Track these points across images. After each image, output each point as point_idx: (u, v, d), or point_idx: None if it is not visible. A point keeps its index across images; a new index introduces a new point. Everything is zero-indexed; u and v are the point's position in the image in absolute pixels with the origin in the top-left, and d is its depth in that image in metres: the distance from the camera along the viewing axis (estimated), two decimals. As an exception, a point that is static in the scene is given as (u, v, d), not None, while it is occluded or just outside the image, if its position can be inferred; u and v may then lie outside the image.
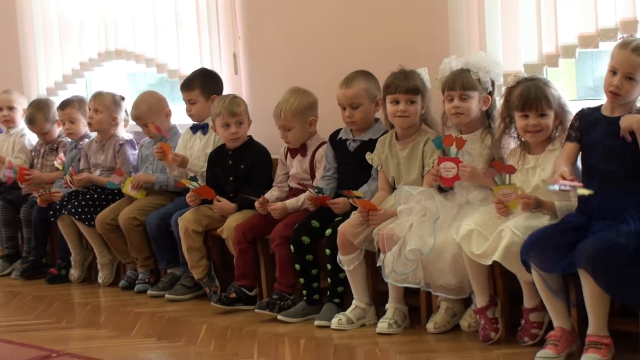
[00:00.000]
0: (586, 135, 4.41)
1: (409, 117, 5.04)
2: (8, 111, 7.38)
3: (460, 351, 4.55)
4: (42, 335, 5.27)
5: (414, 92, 5.01)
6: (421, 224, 4.73)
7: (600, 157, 4.36)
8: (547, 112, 4.50)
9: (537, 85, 4.56)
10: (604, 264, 4.02)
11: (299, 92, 5.61)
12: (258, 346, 4.83)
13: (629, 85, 4.26)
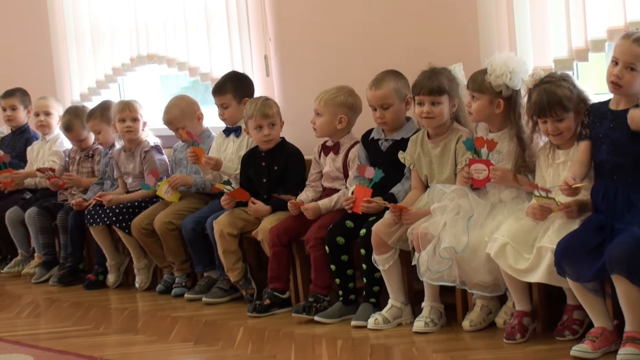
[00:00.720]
0: (594, 130, 4.42)
1: (434, 118, 5.04)
2: (45, 117, 7.42)
3: (497, 348, 4.54)
4: (80, 342, 5.31)
5: (437, 93, 5.00)
6: (455, 222, 4.74)
7: (608, 150, 4.37)
8: (563, 116, 4.50)
9: (550, 90, 4.53)
10: (636, 264, 4.06)
11: (346, 90, 5.63)
12: (295, 348, 4.85)
13: (630, 76, 4.26)
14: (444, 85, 5.01)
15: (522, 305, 4.61)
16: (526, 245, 4.47)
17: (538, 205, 4.47)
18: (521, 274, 4.47)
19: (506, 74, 4.77)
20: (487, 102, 4.85)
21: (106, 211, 6.51)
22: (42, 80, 7.96)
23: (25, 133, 7.72)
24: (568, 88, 4.60)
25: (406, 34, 5.84)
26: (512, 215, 4.67)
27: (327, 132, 5.64)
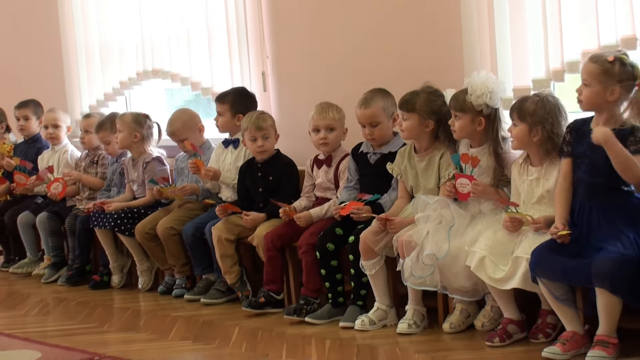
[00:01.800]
0: (575, 148, 4.45)
1: (404, 131, 5.13)
2: (53, 129, 7.42)
3: (476, 349, 4.58)
4: (85, 339, 5.31)
5: (409, 109, 5.08)
6: (437, 231, 4.79)
7: (585, 169, 4.39)
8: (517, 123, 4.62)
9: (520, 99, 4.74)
10: (621, 278, 4.07)
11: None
12: (287, 347, 4.87)
13: (586, 91, 4.33)
14: (415, 104, 5.07)
15: (508, 314, 4.65)
16: (503, 257, 4.52)
17: (509, 218, 4.52)
18: (499, 282, 4.52)
19: (486, 94, 4.80)
20: (469, 121, 4.88)
21: (111, 216, 6.52)
22: (54, 92, 7.96)
23: (37, 142, 7.72)
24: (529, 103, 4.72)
25: (393, 53, 5.85)
26: (491, 226, 4.71)
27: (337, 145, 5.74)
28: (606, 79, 4.29)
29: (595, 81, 4.30)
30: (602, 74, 4.29)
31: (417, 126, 4.99)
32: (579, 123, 4.51)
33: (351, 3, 6.05)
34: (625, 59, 4.33)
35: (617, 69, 4.28)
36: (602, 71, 4.29)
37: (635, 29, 4.74)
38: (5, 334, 5.54)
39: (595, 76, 4.30)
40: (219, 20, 6.73)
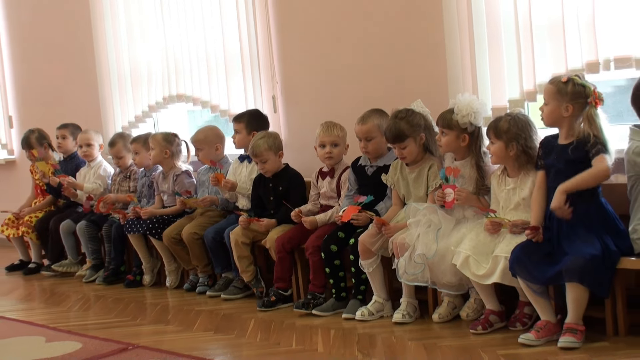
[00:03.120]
0: (546, 160, 4.49)
1: (405, 157, 5.11)
2: (86, 148, 7.46)
3: (461, 337, 4.58)
4: (120, 331, 5.32)
5: (399, 140, 5.05)
6: (426, 234, 4.80)
7: (553, 178, 4.43)
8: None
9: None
10: (589, 273, 4.12)
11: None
12: (296, 336, 4.88)
13: (546, 109, 4.44)
14: (403, 132, 5.03)
15: (490, 305, 4.67)
16: (484, 256, 4.54)
17: (491, 222, 4.55)
18: (481, 278, 4.54)
19: (471, 114, 4.82)
20: (455, 137, 4.90)
21: (144, 222, 6.56)
22: (91, 115, 7.99)
23: (74, 159, 7.74)
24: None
25: (387, 78, 5.87)
26: (473, 229, 4.71)
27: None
28: (561, 97, 4.37)
29: (552, 100, 4.40)
30: (557, 93, 4.38)
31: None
32: (548, 139, 4.56)
33: (349, 37, 6.06)
34: (576, 79, 4.39)
35: (569, 88, 4.36)
36: (557, 91, 4.38)
37: (598, 55, 4.77)
38: (50, 327, 5.55)
39: (552, 95, 4.40)
40: (235, 51, 6.74)
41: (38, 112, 8.72)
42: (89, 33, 7.96)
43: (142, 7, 7.43)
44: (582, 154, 4.31)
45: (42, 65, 8.69)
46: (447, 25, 5.41)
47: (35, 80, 8.82)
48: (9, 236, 7.90)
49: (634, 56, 4.64)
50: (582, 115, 4.37)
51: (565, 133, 4.42)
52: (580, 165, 4.31)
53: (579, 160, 4.32)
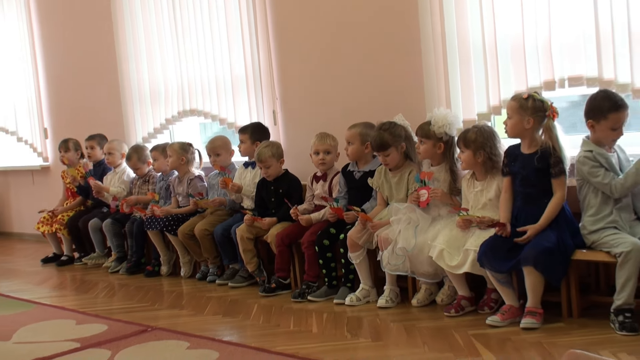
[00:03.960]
0: (511, 167, 4.52)
1: (388, 164, 5.14)
2: (109, 156, 7.50)
3: (437, 319, 4.62)
4: (141, 315, 5.35)
5: (383, 149, 5.08)
6: (406, 230, 4.85)
7: (519, 183, 4.49)
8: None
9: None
10: (544, 262, 4.18)
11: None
12: (294, 319, 4.90)
13: (509, 122, 4.47)
14: (386, 142, 5.06)
15: (462, 291, 4.71)
16: (456, 249, 4.60)
17: (462, 219, 4.58)
18: (454, 268, 4.59)
19: (446, 125, 4.87)
20: (432, 145, 4.95)
21: (161, 220, 6.59)
22: (116, 127, 7.98)
23: (101, 165, 7.74)
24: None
25: (373, 94, 5.88)
26: (447, 226, 4.76)
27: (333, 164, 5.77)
28: (523, 112, 4.40)
29: (515, 114, 4.43)
30: (519, 108, 4.41)
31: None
32: (512, 148, 4.59)
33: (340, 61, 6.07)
34: (536, 95, 4.44)
35: (530, 103, 4.40)
36: (519, 106, 4.41)
37: (554, 74, 4.79)
38: (80, 311, 5.57)
39: (515, 110, 4.42)
40: (240, 72, 6.74)
41: (69, 124, 8.72)
42: (113, 56, 7.96)
43: (160, 34, 7.42)
44: (546, 164, 4.36)
45: (73, 84, 8.70)
46: (424, 49, 5.43)
47: (67, 97, 8.83)
48: (44, 232, 7.92)
49: (585, 75, 4.68)
50: (542, 127, 4.41)
51: (527, 143, 4.46)
52: (544, 173, 4.36)
53: (544, 168, 4.37)
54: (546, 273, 4.23)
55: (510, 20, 4.97)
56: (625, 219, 4.28)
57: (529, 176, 4.43)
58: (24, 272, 7.52)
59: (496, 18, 5.03)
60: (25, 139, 9.45)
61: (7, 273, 7.55)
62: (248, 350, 4.29)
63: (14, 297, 6.28)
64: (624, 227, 4.25)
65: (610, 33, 4.55)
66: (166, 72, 7.47)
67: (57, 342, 4.76)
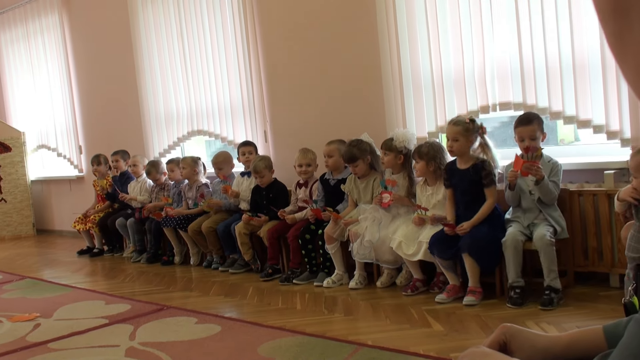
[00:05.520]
0: (451, 180, 4.55)
1: (357, 173, 5.15)
2: (134, 167, 7.46)
3: (396, 297, 4.64)
4: (158, 296, 5.35)
5: (352, 161, 5.10)
6: (372, 226, 4.87)
7: (460, 192, 4.53)
8: (418, 161, 4.74)
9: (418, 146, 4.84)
10: (476, 250, 4.23)
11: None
12: (282, 298, 4.91)
13: (456, 145, 4.44)
14: (355, 155, 5.08)
15: (416, 275, 4.73)
16: (412, 241, 4.62)
17: (417, 217, 4.61)
18: (410, 256, 4.62)
19: (405, 141, 4.90)
20: (394, 157, 4.97)
21: (175, 219, 6.57)
22: (138, 143, 7.97)
23: (125, 175, 7.70)
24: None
25: (343, 116, 5.90)
26: (405, 222, 4.79)
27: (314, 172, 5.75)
28: (467, 134, 4.42)
29: (461, 137, 4.42)
30: (465, 131, 4.42)
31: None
32: (449, 165, 4.62)
33: (319, 90, 6.09)
34: (473, 118, 4.48)
35: (471, 126, 4.40)
36: (464, 130, 4.42)
37: (488, 100, 4.84)
38: (108, 294, 5.57)
39: (460, 133, 4.42)
40: (237, 99, 6.74)
41: (99, 142, 8.69)
42: (135, 87, 7.95)
43: (173, 68, 7.42)
44: (479, 176, 4.39)
45: (102, 109, 8.68)
46: (385, 80, 5.47)
47: (98, 120, 8.80)
48: (79, 230, 7.89)
49: (513, 101, 4.72)
50: (479, 143, 4.44)
51: (465, 160, 4.48)
52: (478, 183, 4.40)
53: (478, 180, 4.40)
54: (479, 260, 4.27)
55: (452, 56, 5.03)
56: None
57: (466, 187, 4.46)
58: (63, 262, 7.49)
59: (442, 55, 5.08)
60: (64, 154, 9.41)
61: (50, 263, 7.52)
62: (245, 324, 4.29)
63: (55, 282, 6.26)
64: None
65: (532, 67, 4.60)
66: (178, 99, 7.46)
67: (89, 319, 4.76)
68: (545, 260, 4.09)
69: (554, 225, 4.21)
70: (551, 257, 4.09)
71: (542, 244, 4.08)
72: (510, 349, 1.38)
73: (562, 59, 4.46)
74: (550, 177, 4.23)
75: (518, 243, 4.17)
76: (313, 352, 3.61)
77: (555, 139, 5.12)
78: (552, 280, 4.09)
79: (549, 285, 4.09)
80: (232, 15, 6.68)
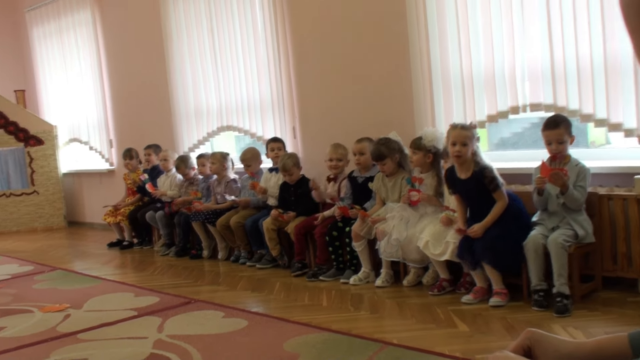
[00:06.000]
0: (455, 188, 4.54)
1: (385, 171, 5.17)
2: (164, 161, 7.52)
3: (423, 297, 4.64)
4: (186, 290, 5.40)
5: (380, 159, 5.11)
6: (399, 224, 4.87)
7: (466, 197, 4.51)
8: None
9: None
10: (492, 257, 4.27)
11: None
12: (308, 295, 4.94)
13: (465, 149, 4.35)
14: (383, 153, 5.09)
15: (443, 275, 4.72)
16: (439, 240, 4.60)
17: (445, 217, 4.60)
18: (437, 256, 4.60)
19: (435, 140, 4.88)
20: (422, 156, 4.95)
21: (203, 214, 6.62)
22: (168, 138, 8.04)
23: (156, 169, 7.78)
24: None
25: (372, 113, 5.90)
26: (432, 222, 4.76)
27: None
28: (472, 139, 4.37)
29: (469, 142, 4.36)
30: (472, 136, 4.37)
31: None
32: (449, 172, 4.58)
33: (348, 87, 6.10)
34: (473, 124, 4.46)
35: (474, 132, 4.40)
36: (472, 135, 4.37)
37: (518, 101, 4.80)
38: (137, 286, 5.64)
39: (469, 138, 4.36)
40: (267, 95, 6.78)
41: (130, 136, 8.79)
42: (166, 82, 8.02)
43: (203, 65, 7.48)
44: (481, 184, 4.36)
45: (133, 104, 8.77)
46: (414, 79, 5.46)
47: (128, 115, 8.90)
48: (109, 222, 7.99)
49: (543, 102, 4.70)
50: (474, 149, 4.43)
51: (465, 168, 4.44)
52: (484, 191, 4.36)
53: (482, 188, 4.36)
54: (497, 266, 4.28)
55: (483, 55, 5.00)
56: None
57: (472, 196, 4.44)
58: (93, 254, 7.59)
59: (472, 53, 5.06)
60: (95, 148, 9.53)
61: (81, 255, 7.63)
62: (271, 319, 4.33)
63: (85, 274, 6.35)
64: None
65: (563, 69, 4.57)
66: (208, 95, 7.51)
67: (118, 311, 4.83)
68: (555, 263, 4.06)
69: (576, 230, 4.18)
70: (562, 261, 4.05)
71: (554, 247, 4.06)
72: (534, 354, 1.39)
73: (594, 61, 4.42)
74: (577, 182, 4.19)
75: (538, 246, 4.14)
76: (338, 349, 3.63)
77: (586, 141, 5.07)
78: (561, 286, 4.04)
79: (559, 291, 4.04)
80: (262, 11, 6.71)
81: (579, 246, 4.18)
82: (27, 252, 7.98)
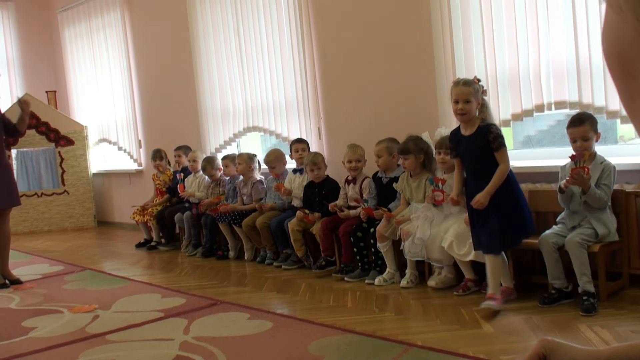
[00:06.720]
0: (458, 150, 4.40)
1: (406, 167, 5.15)
2: (193, 162, 7.55)
3: (447, 297, 4.63)
4: (212, 291, 5.42)
5: (405, 153, 5.10)
6: (424, 224, 4.85)
7: (468, 161, 4.37)
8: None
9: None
10: (497, 242, 4.23)
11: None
12: (333, 296, 4.94)
13: (469, 106, 4.19)
14: (408, 149, 5.08)
15: (468, 275, 4.69)
16: (463, 241, 4.58)
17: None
18: (462, 256, 4.59)
19: None
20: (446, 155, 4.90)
21: (229, 215, 6.65)
22: (195, 139, 8.08)
23: (186, 171, 7.81)
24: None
25: (396, 114, 5.88)
26: (456, 222, 4.72)
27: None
28: (476, 95, 4.23)
29: (472, 98, 4.20)
30: (475, 92, 4.21)
31: (415, 161, 5.00)
32: (454, 133, 4.45)
33: (372, 88, 6.09)
34: (477, 78, 4.31)
35: (477, 87, 4.25)
36: (475, 90, 4.21)
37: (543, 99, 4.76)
38: (164, 287, 5.68)
39: (473, 94, 4.19)
40: (292, 97, 6.79)
41: (158, 137, 8.86)
42: (193, 84, 8.07)
43: (230, 66, 7.51)
44: (486, 141, 4.19)
45: (161, 105, 8.84)
46: (439, 79, 5.44)
47: (157, 116, 8.97)
48: (137, 222, 8.07)
49: (568, 100, 4.65)
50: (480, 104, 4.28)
51: (471, 124, 4.28)
52: (487, 149, 4.19)
53: (485, 145, 4.20)
54: (509, 245, 4.24)
55: (507, 54, 4.97)
56: None
57: (474, 155, 4.28)
58: (122, 254, 7.67)
59: (496, 52, 5.03)
60: (124, 148, 9.62)
61: (109, 255, 7.71)
62: (296, 321, 4.34)
63: (114, 275, 6.41)
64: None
65: (588, 66, 4.52)
66: (234, 96, 7.53)
67: (146, 312, 4.87)
68: (575, 262, 4.02)
69: (596, 229, 4.12)
70: (581, 260, 4.00)
71: (572, 246, 4.03)
72: (550, 363, 1.38)
73: (620, 57, 4.35)
74: (601, 180, 4.14)
75: (549, 245, 4.12)
76: (362, 351, 3.63)
77: (615, 136, 5.01)
78: (586, 284, 3.99)
79: (584, 290, 3.99)
80: (288, 12, 6.72)
81: (604, 244, 4.13)
82: (57, 251, 8.08)
